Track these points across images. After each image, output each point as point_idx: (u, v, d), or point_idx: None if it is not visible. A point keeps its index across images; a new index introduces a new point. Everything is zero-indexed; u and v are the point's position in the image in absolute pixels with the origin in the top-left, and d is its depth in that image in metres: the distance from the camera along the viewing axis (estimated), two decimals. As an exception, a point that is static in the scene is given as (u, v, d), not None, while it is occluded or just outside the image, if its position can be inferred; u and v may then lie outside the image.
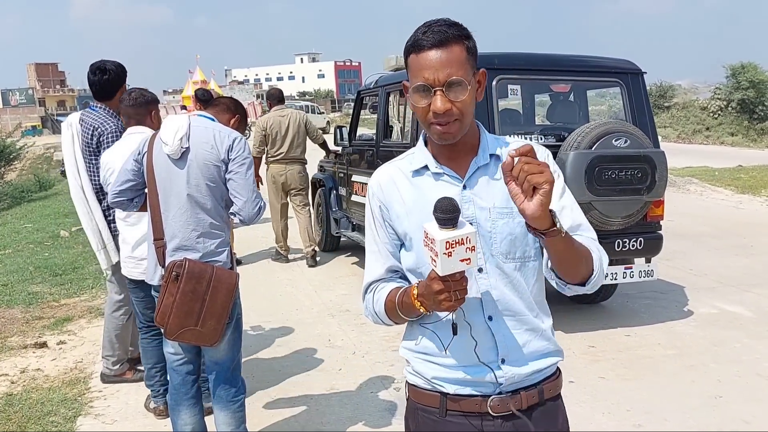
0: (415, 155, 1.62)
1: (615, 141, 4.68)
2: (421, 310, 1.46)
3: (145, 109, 3.57)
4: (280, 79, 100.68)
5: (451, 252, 1.34)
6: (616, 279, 5.07)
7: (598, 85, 5.63)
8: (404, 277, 1.63)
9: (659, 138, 5.49)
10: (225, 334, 2.90)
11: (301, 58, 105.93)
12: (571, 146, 4.65)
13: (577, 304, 5.69)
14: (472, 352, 1.50)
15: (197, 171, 2.79)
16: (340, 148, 7.15)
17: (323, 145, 7.62)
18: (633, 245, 5.03)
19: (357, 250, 7.47)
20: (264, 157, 7.17)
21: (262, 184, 7.53)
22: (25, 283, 6.73)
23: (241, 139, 2.87)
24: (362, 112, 7.21)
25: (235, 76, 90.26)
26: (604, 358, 4.60)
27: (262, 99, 59.91)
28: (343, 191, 7.16)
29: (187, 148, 2.78)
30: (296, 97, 65.77)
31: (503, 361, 1.52)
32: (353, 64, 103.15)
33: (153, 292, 3.02)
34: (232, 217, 2.89)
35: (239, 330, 3.05)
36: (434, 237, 1.35)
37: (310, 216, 7.37)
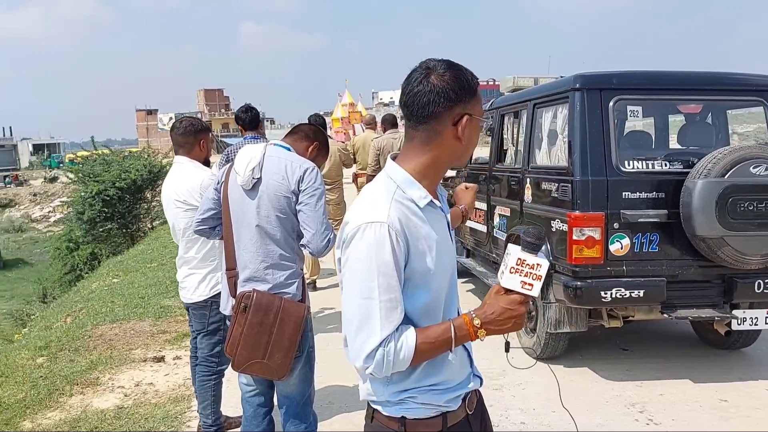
0: (405, 188, 1.62)
1: (753, 168, 4.11)
2: (469, 332, 1.59)
3: (193, 138, 3.60)
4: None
5: (519, 269, 1.51)
6: (757, 324, 4.45)
7: (735, 104, 5.02)
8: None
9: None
10: (294, 368, 2.85)
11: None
12: (700, 174, 4.16)
13: (713, 350, 5.08)
14: (468, 367, 1.75)
15: (267, 202, 2.77)
16: (454, 172, 6.99)
17: None
18: (777, 287, 4.40)
19: (471, 276, 7.23)
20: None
21: None
22: (159, 296, 7.20)
23: (312, 170, 2.81)
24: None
25: (381, 99, 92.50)
26: (737, 415, 4.04)
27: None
28: (458, 216, 6.98)
29: (259, 179, 2.77)
30: (439, 118, 66.15)
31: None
32: (494, 83, 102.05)
33: (228, 323, 3.04)
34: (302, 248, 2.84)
35: (311, 364, 2.99)
36: (511, 251, 1.52)
37: None
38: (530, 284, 1.52)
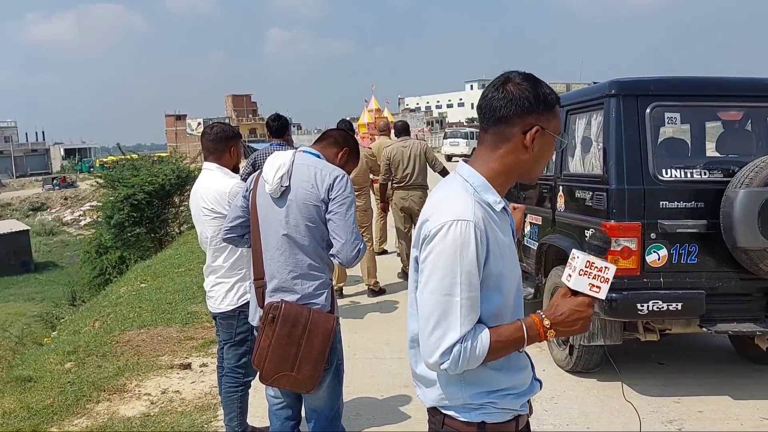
0: (482, 192, 1.66)
1: (804, 180, 3.95)
2: (539, 333, 1.63)
3: (224, 145, 3.54)
4: (450, 106, 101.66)
5: (587, 272, 1.56)
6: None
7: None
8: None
9: None
10: (323, 381, 2.78)
11: (471, 85, 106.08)
12: (741, 183, 4.01)
13: (754, 366, 4.89)
14: (531, 370, 1.80)
15: (296, 211, 2.71)
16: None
17: (443, 171, 7.65)
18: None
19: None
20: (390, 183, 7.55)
21: (388, 210, 7.88)
22: (187, 302, 7.19)
23: (342, 178, 2.74)
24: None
25: (407, 104, 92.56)
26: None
27: (432, 126, 61.14)
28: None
29: (288, 187, 2.72)
30: (464, 123, 65.90)
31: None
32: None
33: (255, 334, 2.98)
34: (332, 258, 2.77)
35: (339, 377, 2.92)
36: (577, 255, 1.58)
37: None
38: (598, 287, 1.58)
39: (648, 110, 4.20)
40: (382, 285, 7.37)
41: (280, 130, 5.53)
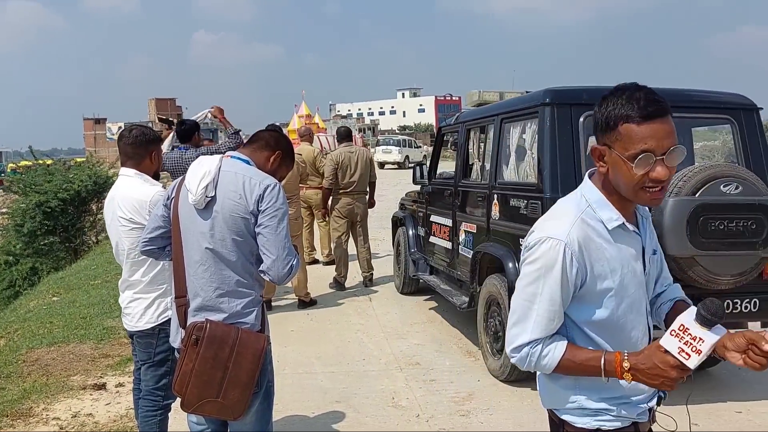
0: (597, 209, 1.68)
1: (724, 187, 4.03)
2: (626, 381, 1.60)
3: (144, 149, 3.27)
4: (381, 113, 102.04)
5: (680, 336, 1.48)
6: (726, 345, 4.36)
7: (703, 122, 4.98)
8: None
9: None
10: (252, 406, 2.56)
11: (403, 93, 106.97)
12: (670, 192, 4.05)
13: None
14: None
15: (222, 224, 2.47)
16: (419, 187, 6.82)
17: (372, 185, 7.84)
18: (746, 307, 4.32)
19: (437, 294, 7.04)
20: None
21: (329, 216, 7.80)
22: (103, 317, 6.75)
23: (274, 187, 2.51)
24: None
25: (338, 111, 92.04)
26: (710, 439, 3.91)
27: (364, 133, 61.11)
28: (421, 231, 6.79)
29: (213, 197, 2.48)
30: (396, 131, 66.29)
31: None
32: (453, 98, 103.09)
33: (176, 355, 2.73)
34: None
35: (270, 400, 2.71)
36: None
37: (369, 245, 7.87)
38: (687, 354, 1.48)
39: (581, 119, 4.20)
40: (313, 296, 7.16)
41: (186, 134, 5.49)
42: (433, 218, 6.30)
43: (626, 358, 1.59)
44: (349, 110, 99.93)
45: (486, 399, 4.47)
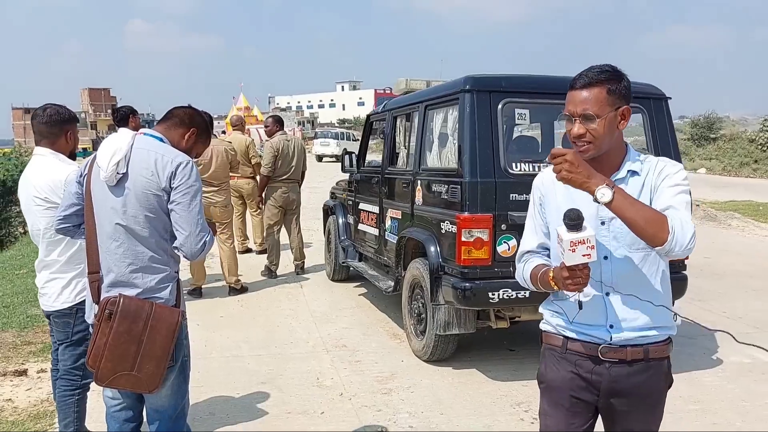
0: None
1: (631, 172, 4.28)
2: (555, 288, 1.99)
3: (59, 128, 3.26)
4: (321, 106, 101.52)
5: (574, 249, 1.81)
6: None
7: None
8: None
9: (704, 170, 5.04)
10: (167, 379, 2.60)
11: (342, 86, 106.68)
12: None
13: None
14: (587, 316, 2.04)
15: (134, 200, 2.49)
16: (348, 175, 6.91)
17: (303, 174, 8.03)
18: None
19: (366, 280, 7.17)
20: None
21: (263, 204, 7.76)
22: (27, 305, 6.60)
23: (186, 165, 2.54)
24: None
25: (278, 104, 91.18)
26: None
27: (303, 125, 60.72)
28: (350, 219, 6.89)
29: (125, 174, 2.50)
30: (336, 124, 66.15)
31: (611, 327, 2.02)
32: (393, 91, 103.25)
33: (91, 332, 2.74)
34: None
35: (185, 374, 2.75)
36: (562, 237, 1.83)
37: (301, 234, 8.01)
38: (588, 254, 1.81)
39: (500, 106, 4.37)
40: (245, 284, 7.16)
41: (121, 120, 5.68)
42: (362, 206, 6.41)
43: (553, 269, 1.99)
44: (288, 103, 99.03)
45: (408, 378, 4.61)
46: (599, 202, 1.84)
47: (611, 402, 2.06)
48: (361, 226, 6.44)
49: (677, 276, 4.65)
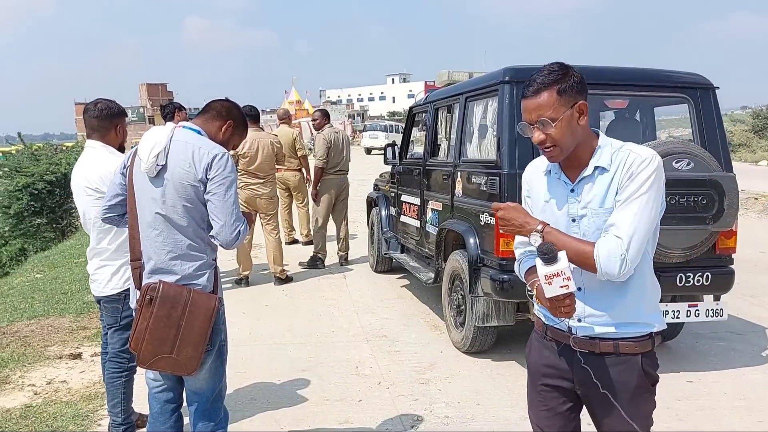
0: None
1: (675, 163, 4.19)
2: (540, 304, 2.02)
3: (109, 122, 3.41)
4: (371, 99, 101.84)
5: (550, 282, 1.83)
6: (678, 317, 4.53)
7: (661, 101, 5.11)
8: None
9: (766, 163, 4.89)
10: (204, 362, 2.70)
11: (392, 79, 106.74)
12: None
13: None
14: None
15: (173, 191, 2.59)
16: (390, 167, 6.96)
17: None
18: (698, 281, 4.49)
19: (409, 271, 7.21)
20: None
21: (317, 198, 7.80)
22: (84, 292, 6.88)
23: (222, 157, 2.62)
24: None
25: (328, 97, 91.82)
26: (659, 407, 4.04)
27: (353, 118, 60.98)
28: (393, 211, 6.94)
29: (164, 166, 2.60)
30: (385, 117, 66.21)
31: (578, 321, 2.04)
32: (435, 83, 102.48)
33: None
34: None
35: (222, 358, 2.84)
36: (538, 271, 1.87)
37: (348, 225, 8.13)
38: (566, 285, 1.83)
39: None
40: (290, 274, 7.30)
41: (169, 115, 6.02)
42: (404, 198, 6.45)
43: (537, 287, 1.96)
44: (338, 96, 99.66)
45: (446, 368, 4.64)
46: (534, 246, 1.94)
47: (588, 392, 2.08)
48: (403, 218, 6.48)
49: (723, 270, 4.54)
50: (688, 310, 4.53)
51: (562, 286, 1.82)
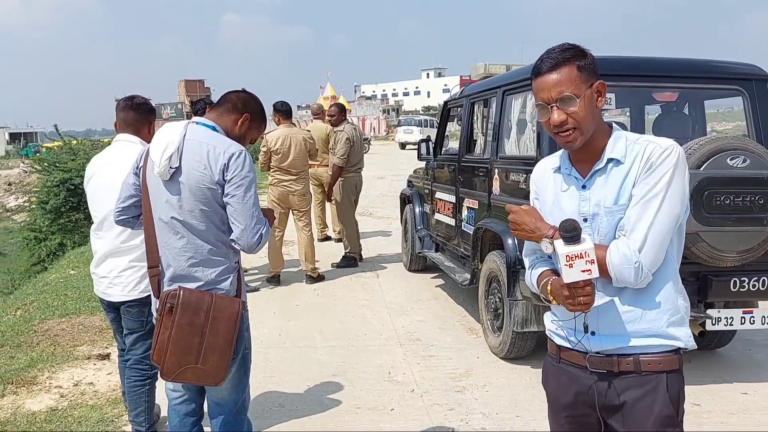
0: (559, 155, 1.95)
1: (731, 160, 3.89)
2: (555, 303, 1.84)
3: (145, 118, 3.29)
4: (406, 94, 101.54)
5: (571, 264, 1.66)
6: (732, 324, 4.24)
7: (713, 93, 4.80)
8: None
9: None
10: (229, 372, 2.55)
11: (427, 74, 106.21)
12: (674, 165, 3.93)
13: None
14: (570, 320, 1.87)
15: (189, 195, 2.42)
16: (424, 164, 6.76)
17: None
18: (754, 285, 4.18)
19: (440, 271, 7.00)
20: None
21: (334, 198, 7.69)
22: (116, 290, 6.84)
23: (238, 156, 2.42)
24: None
25: (363, 92, 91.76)
26: (711, 420, 3.83)
27: (388, 113, 60.85)
28: (427, 208, 6.73)
29: (178, 168, 2.42)
30: (420, 112, 65.89)
31: (592, 333, 1.84)
32: (471, 77, 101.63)
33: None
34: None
35: (246, 366, 2.69)
36: (558, 251, 1.70)
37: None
38: (589, 270, 1.66)
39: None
40: (322, 272, 7.16)
41: (200, 111, 5.90)
42: (438, 195, 6.24)
43: (551, 282, 1.82)
44: (373, 91, 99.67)
45: (483, 376, 4.43)
46: (546, 253, 1.83)
47: (609, 421, 1.88)
48: (437, 216, 6.28)
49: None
50: (742, 317, 4.23)
51: (583, 270, 1.66)
